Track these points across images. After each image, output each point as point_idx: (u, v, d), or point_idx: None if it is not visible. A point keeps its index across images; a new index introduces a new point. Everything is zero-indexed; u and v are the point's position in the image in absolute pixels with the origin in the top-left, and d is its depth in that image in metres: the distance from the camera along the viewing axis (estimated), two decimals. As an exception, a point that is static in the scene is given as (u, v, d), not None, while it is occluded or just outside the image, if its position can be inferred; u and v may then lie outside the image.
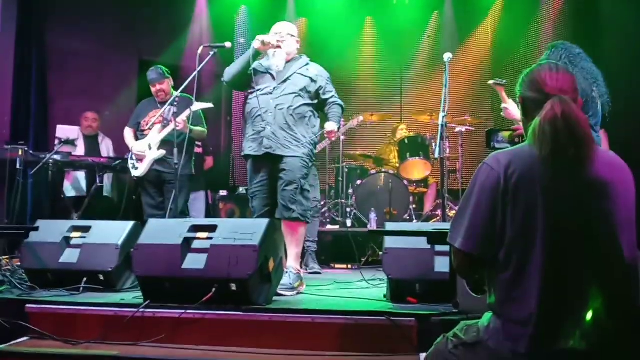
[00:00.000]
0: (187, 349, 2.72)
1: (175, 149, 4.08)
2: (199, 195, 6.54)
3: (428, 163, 6.13)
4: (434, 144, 5.11)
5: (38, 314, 2.98)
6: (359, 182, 6.08)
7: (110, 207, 5.70)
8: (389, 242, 3.20)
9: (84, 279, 3.33)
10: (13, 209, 4.96)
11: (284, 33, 3.77)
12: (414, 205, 6.03)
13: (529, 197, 1.54)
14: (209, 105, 4.43)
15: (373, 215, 5.77)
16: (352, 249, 5.12)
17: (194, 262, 2.95)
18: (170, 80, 4.79)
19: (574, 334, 1.49)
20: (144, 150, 4.60)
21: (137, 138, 4.78)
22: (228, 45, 4.11)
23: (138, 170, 4.63)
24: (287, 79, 3.68)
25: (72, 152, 5.48)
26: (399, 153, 6.28)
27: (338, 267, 5.34)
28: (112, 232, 3.51)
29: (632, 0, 5.48)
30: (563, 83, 1.64)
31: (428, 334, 2.48)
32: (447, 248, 2.87)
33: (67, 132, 5.60)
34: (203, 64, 3.98)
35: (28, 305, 3.00)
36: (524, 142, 1.67)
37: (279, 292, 3.25)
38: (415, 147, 6.15)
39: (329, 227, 5.92)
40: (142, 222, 3.51)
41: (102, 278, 3.36)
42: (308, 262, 4.89)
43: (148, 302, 2.91)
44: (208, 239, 3.01)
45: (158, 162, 4.59)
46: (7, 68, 6.10)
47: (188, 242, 3.04)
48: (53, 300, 3.08)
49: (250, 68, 3.68)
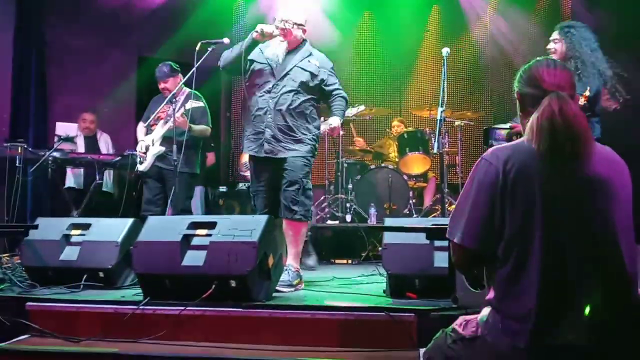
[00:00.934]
0: (187, 346, 2.71)
1: (175, 146, 4.08)
2: (195, 192, 6.53)
3: (427, 158, 6.12)
4: (433, 139, 5.11)
5: (38, 312, 2.98)
6: (359, 177, 6.08)
7: (110, 204, 5.70)
8: (388, 237, 3.20)
9: (84, 277, 3.33)
10: (13, 207, 4.96)
11: (291, 22, 3.60)
12: (414, 200, 6.03)
13: (527, 193, 1.54)
14: (202, 104, 4.46)
15: (373, 210, 5.78)
16: (351, 244, 5.12)
17: (194, 258, 2.95)
18: (178, 77, 4.76)
19: (573, 329, 1.49)
20: (148, 145, 4.61)
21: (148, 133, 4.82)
22: (226, 42, 4.10)
23: (142, 165, 4.64)
24: (286, 74, 3.59)
25: (71, 149, 5.47)
26: (399, 148, 6.28)
27: (338, 262, 5.34)
28: (111, 229, 3.51)
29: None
30: (560, 79, 1.64)
31: (427, 329, 2.48)
32: (446, 243, 2.88)
33: (66, 129, 5.59)
34: (201, 60, 3.97)
35: (28, 303, 3.01)
36: (520, 137, 1.67)
37: (278, 288, 3.25)
38: (415, 142, 6.14)
39: (329, 222, 5.92)
40: (140, 218, 3.51)
41: (102, 275, 3.36)
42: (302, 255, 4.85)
43: (148, 299, 2.91)
44: (207, 236, 3.02)
45: (159, 158, 4.59)
46: (6, 65, 6.10)
47: (187, 239, 3.04)
48: (53, 298, 3.09)
49: (247, 58, 3.60)
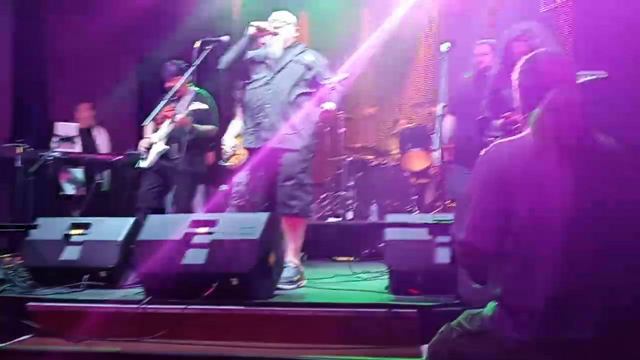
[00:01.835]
0: (189, 344, 2.72)
1: (176, 144, 4.09)
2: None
3: (429, 154, 6.11)
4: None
5: (40, 312, 2.99)
6: (360, 174, 6.06)
7: (111, 203, 5.69)
8: (390, 233, 3.20)
9: (85, 276, 3.32)
10: (14, 207, 4.96)
11: (281, 20, 3.72)
12: (416, 197, 6.01)
13: (532, 188, 1.53)
14: (206, 106, 4.44)
15: (374, 207, 5.76)
16: (353, 242, 5.11)
17: (195, 257, 2.94)
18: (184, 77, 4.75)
19: (581, 325, 1.48)
20: (152, 143, 4.62)
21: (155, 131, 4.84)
22: (225, 40, 4.09)
23: (145, 162, 4.65)
24: (282, 68, 3.63)
25: (71, 149, 5.47)
26: (400, 144, 6.26)
27: (340, 259, 5.33)
28: (112, 228, 3.51)
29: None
30: (563, 72, 1.62)
31: (429, 325, 2.46)
32: (447, 239, 2.88)
33: (65, 129, 5.59)
34: (200, 59, 3.96)
35: (30, 303, 3.01)
36: (516, 129, 1.66)
37: (280, 286, 3.24)
38: (416, 138, 6.12)
39: (330, 219, 5.91)
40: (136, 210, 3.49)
41: (103, 275, 3.36)
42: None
43: (149, 298, 2.91)
44: (208, 234, 3.01)
45: (163, 156, 4.61)
46: (6, 66, 6.10)
47: (188, 237, 3.03)
48: (55, 298, 3.09)
49: (246, 56, 3.64)
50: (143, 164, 4.64)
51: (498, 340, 1.56)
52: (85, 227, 3.54)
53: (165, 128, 4.58)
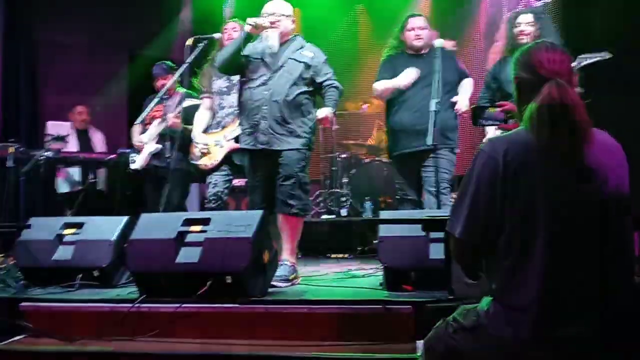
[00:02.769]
0: (183, 343, 2.71)
1: (167, 143, 4.07)
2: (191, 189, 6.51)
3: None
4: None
5: (33, 312, 2.97)
6: (354, 171, 6.06)
7: (104, 202, 5.67)
8: (384, 230, 3.20)
9: (79, 276, 3.31)
10: (5, 207, 4.93)
11: (278, 13, 3.59)
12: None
13: (528, 184, 1.52)
14: (199, 102, 4.40)
15: (368, 204, 5.77)
16: (347, 239, 5.11)
17: (188, 255, 2.93)
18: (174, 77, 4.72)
19: (576, 321, 1.48)
20: (143, 143, 4.60)
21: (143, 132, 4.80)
22: (217, 37, 4.08)
23: (136, 164, 4.62)
24: (281, 67, 3.56)
25: (62, 148, 5.44)
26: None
27: (334, 256, 5.33)
28: (105, 227, 3.49)
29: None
30: (559, 65, 1.61)
31: (424, 321, 2.48)
32: (441, 235, 2.87)
33: (57, 128, 5.55)
34: (192, 56, 3.94)
35: (23, 303, 3.00)
36: (510, 117, 1.65)
37: (274, 283, 3.24)
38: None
39: (325, 216, 5.91)
40: (137, 217, 3.48)
41: (96, 274, 3.34)
42: None
43: (143, 297, 2.90)
44: (202, 232, 3.00)
45: (155, 156, 4.58)
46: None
47: (182, 235, 3.02)
48: (48, 298, 3.08)
49: (242, 53, 3.58)
50: (135, 166, 4.62)
51: (493, 336, 1.56)
52: (78, 226, 3.52)
53: (155, 128, 4.55)
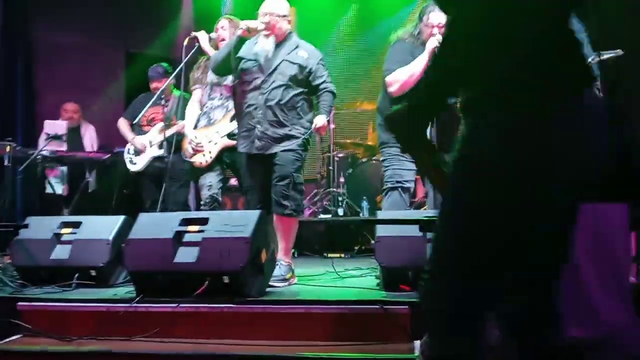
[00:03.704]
0: (181, 343, 2.71)
1: (165, 142, 4.08)
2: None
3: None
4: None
5: (30, 312, 2.96)
6: (350, 170, 6.06)
7: (101, 202, 5.66)
8: (381, 230, 3.20)
9: (76, 275, 3.31)
10: (2, 206, 4.92)
11: (274, 14, 3.55)
12: (406, 193, 6.02)
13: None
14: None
15: (365, 204, 5.77)
16: (344, 238, 5.11)
17: (186, 255, 2.93)
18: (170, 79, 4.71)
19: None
20: (146, 147, 4.59)
21: (133, 131, 4.77)
22: (213, 36, 4.07)
23: (136, 166, 4.62)
24: (275, 69, 3.55)
25: (60, 147, 5.43)
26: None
27: (331, 256, 5.34)
28: (102, 227, 3.48)
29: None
30: None
31: (421, 322, 2.48)
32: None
33: (55, 127, 5.53)
34: (189, 56, 3.94)
35: (20, 303, 2.99)
36: None
37: (271, 283, 3.24)
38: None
39: (321, 216, 5.91)
40: (134, 216, 3.48)
41: (94, 274, 3.34)
42: None
43: (141, 296, 2.90)
44: (199, 232, 3.00)
45: (158, 158, 4.59)
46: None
47: (179, 235, 3.02)
48: (45, 297, 3.07)
49: (236, 56, 3.57)
50: (134, 168, 4.62)
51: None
52: (76, 225, 3.52)
53: (157, 133, 4.54)
